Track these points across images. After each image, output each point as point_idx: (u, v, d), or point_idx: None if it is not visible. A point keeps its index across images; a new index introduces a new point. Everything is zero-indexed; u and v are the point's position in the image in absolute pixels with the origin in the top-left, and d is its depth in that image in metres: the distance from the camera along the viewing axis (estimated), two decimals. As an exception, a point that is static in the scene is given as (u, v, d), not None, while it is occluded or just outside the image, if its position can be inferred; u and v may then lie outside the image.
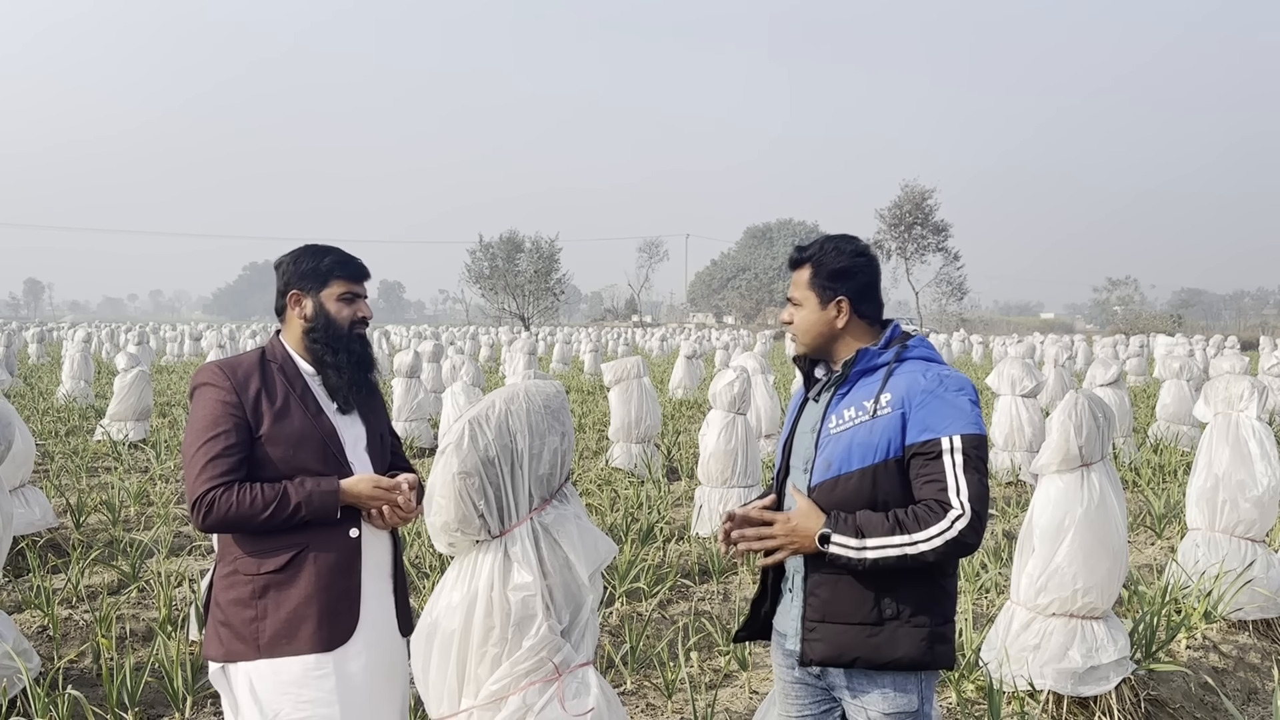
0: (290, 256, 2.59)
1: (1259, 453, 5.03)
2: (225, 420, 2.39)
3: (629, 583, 5.39)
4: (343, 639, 2.43)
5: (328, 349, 2.52)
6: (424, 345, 14.75)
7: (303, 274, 2.54)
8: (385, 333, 31.37)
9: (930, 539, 2.18)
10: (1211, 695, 4.39)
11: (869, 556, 2.20)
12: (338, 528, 2.45)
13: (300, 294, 2.55)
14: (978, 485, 2.21)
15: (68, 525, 6.91)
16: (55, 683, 4.02)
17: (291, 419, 2.45)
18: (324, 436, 2.48)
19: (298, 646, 2.39)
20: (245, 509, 2.34)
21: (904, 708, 2.31)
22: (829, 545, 2.23)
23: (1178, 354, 13.59)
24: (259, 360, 2.52)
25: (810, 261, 2.42)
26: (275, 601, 2.40)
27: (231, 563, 2.45)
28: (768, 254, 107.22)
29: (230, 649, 2.41)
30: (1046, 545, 3.90)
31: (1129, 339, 33.59)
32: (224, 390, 2.42)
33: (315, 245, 2.62)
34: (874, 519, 2.23)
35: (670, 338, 41.56)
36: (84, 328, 36.75)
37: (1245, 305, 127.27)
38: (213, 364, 2.49)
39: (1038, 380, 9.30)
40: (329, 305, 2.54)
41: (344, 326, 2.55)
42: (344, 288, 2.56)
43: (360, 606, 2.47)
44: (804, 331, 2.44)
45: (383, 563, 2.57)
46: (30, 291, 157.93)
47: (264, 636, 2.39)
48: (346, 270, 2.57)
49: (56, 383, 17.06)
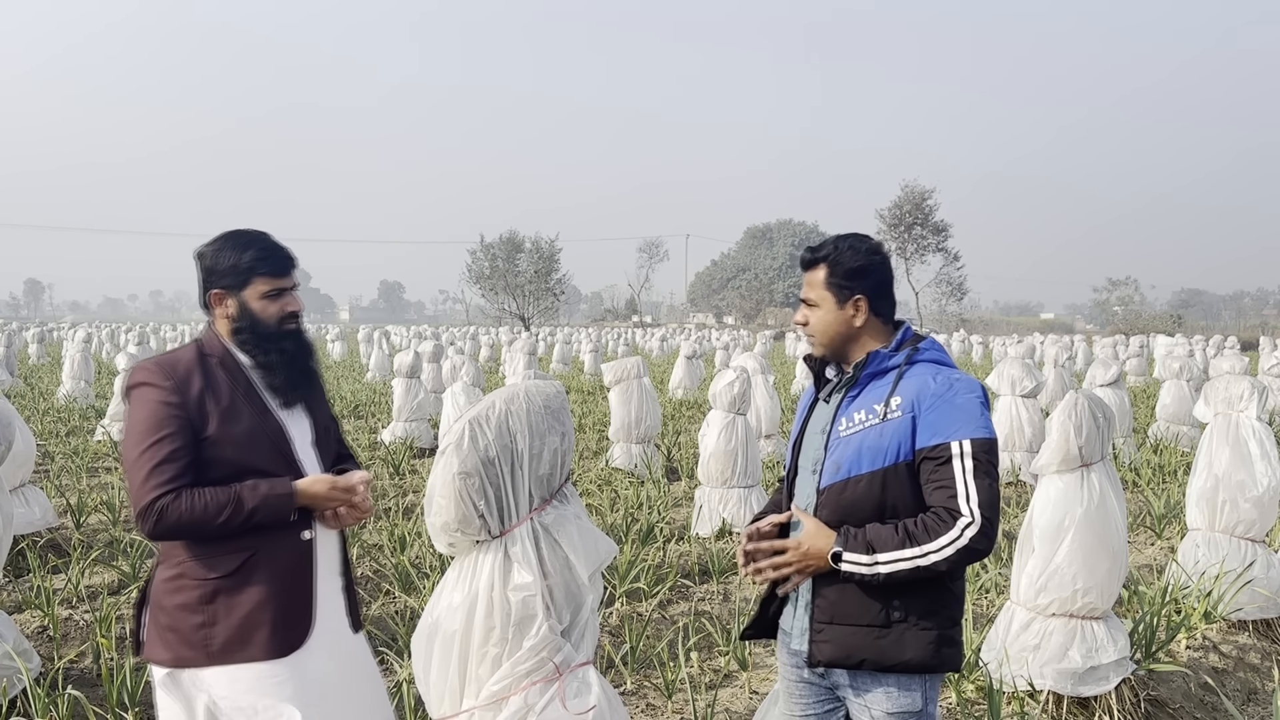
0: (211, 249, 2.41)
1: (1259, 453, 5.03)
2: (169, 422, 2.26)
3: (629, 583, 5.39)
4: (298, 643, 2.35)
5: (258, 349, 2.40)
6: (424, 345, 14.75)
7: (222, 272, 2.39)
8: (385, 333, 31.38)
9: (941, 549, 2.19)
10: (1211, 695, 4.39)
11: (881, 571, 2.21)
12: (289, 531, 2.37)
13: (223, 293, 2.40)
14: (988, 491, 2.21)
15: (68, 525, 6.91)
16: (55, 683, 4.02)
17: (240, 418, 2.34)
18: (272, 435, 2.38)
19: (251, 653, 2.30)
20: (198, 515, 2.23)
21: (908, 708, 2.31)
22: (841, 564, 2.24)
23: (1178, 354, 13.58)
24: (197, 356, 2.38)
25: (826, 261, 2.39)
26: (226, 607, 2.30)
27: (177, 566, 2.33)
28: (768, 254, 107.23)
29: (179, 655, 2.31)
30: (1046, 545, 3.90)
31: (1129, 339, 33.57)
32: (164, 390, 2.29)
33: (238, 235, 2.43)
34: (884, 532, 2.23)
35: (670, 338, 41.55)
36: (84, 328, 36.75)
37: (1245, 305, 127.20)
38: (149, 362, 2.35)
39: (1038, 380, 9.29)
40: (253, 304, 2.40)
41: (272, 325, 2.42)
42: (268, 285, 2.41)
43: (315, 609, 2.40)
44: (821, 332, 2.42)
45: (333, 562, 2.50)
46: (30, 292, 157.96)
47: (215, 643, 2.29)
48: (269, 266, 2.40)
49: (57, 383, 17.06)
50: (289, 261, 2.46)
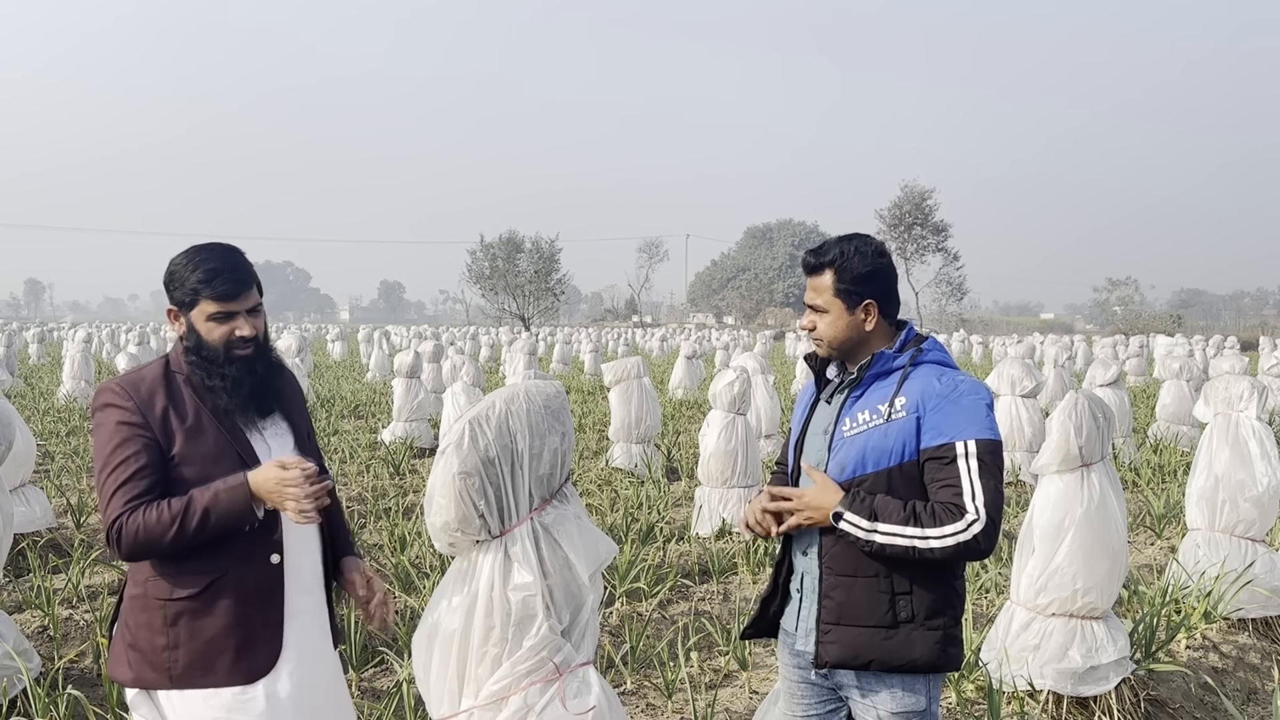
0: (172, 264, 2.33)
1: (1259, 453, 5.03)
2: (132, 442, 2.21)
3: (629, 583, 5.39)
4: (264, 670, 2.28)
5: (204, 372, 2.31)
6: (424, 345, 14.75)
7: (173, 289, 2.31)
8: (385, 333, 31.40)
9: (943, 538, 2.19)
10: (1211, 695, 4.39)
11: (877, 540, 2.22)
12: (258, 554, 2.29)
13: (175, 310, 2.33)
14: (993, 491, 2.21)
15: (68, 525, 6.91)
16: (55, 683, 4.02)
17: (205, 436, 2.27)
18: (240, 451, 2.30)
19: (214, 679, 2.23)
20: (153, 525, 2.15)
21: (912, 708, 2.32)
22: (841, 522, 2.25)
23: (1177, 354, 13.59)
24: (163, 373, 2.31)
25: (833, 266, 2.38)
26: (189, 630, 2.23)
27: (141, 584, 2.27)
28: (768, 254, 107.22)
29: (140, 675, 2.25)
30: (1046, 545, 3.90)
31: (1129, 339, 33.57)
32: (127, 410, 2.23)
33: (196, 251, 2.33)
34: (891, 505, 2.24)
35: (670, 338, 41.55)
36: (84, 328, 36.77)
37: (1245, 305, 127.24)
38: (114, 383, 2.28)
39: (1038, 380, 9.30)
40: (199, 326, 2.30)
41: (218, 350, 2.31)
42: (214, 307, 2.29)
43: (284, 634, 2.32)
44: (832, 338, 2.41)
45: (307, 578, 2.41)
46: (31, 291, 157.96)
47: (177, 667, 2.22)
48: (213, 290, 2.28)
49: (57, 383, 17.06)
50: (239, 285, 2.31)
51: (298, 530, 2.36)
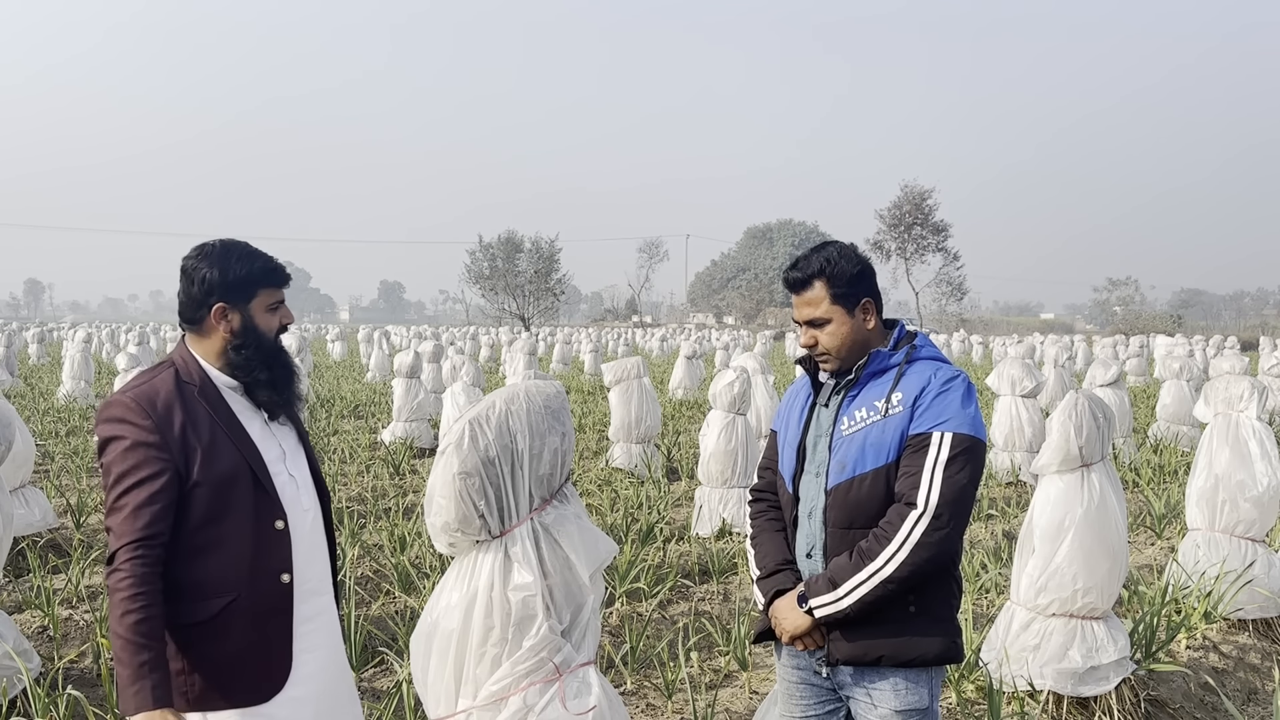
0: (209, 262, 2.25)
1: (1259, 453, 5.03)
2: (150, 464, 2.10)
3: (629, 583, 5.39)
4: (281, 684, 2.26)
5: (261, 366, 2.26)
6: (424, 345, 14.75)
7: (230, 285, 2.24)
8: (385, 333, 31.38)
9: (893, 554, 2.22)
10: (1211, 695, 4.39)
11: (853, 599, 2.26)
12: (269, 575, 2.24)
13: (227, 307, 2.25)
14: (952, 485, 2.22)
15: (68, 525, 6.91)
16: (55, 683, 4.02)
17: (222, 457, 2.18)
18: (255, 469, 2.23)
19: (232, 701, 2.22)
20: (119, 603, 2.03)
21: (915, 704, 2.33)
22: (814, 613, 2.31)
23: (1178, 354, 13.59)
24: (175, 384, 2.20)
25: (822, 275, 2.37)
26: (203, 655, 2.19)
27: None
28: (768, 254, 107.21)
29: None
30: (1046, 545, 3.90)
31: (1129, 339, 33.57)
32: (144, 430, 2.11)
33: (235, 248, 2.29)
34: (840, 563, 2.30)
35: (670, 338, 41.54)
36: (84, 328, 36.76)
37: (1245, 305, 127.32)
38: (126, 398, 2.15)
39: (1038, 380, 9.30)
40: (259, 318, 2.28)
41: (272, 339, 2.31)
42: (272, 297, 2.30)
43: (294, 648, 2.29)
44: (838, 347, 2.39)
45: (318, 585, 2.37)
46: (30, 291, 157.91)
47: (194, 691, 2.19)
48: (275, 278, 2.30)
49: (57, 383, 17.06)
50: (287, 272, 2.37)
51: (306, 543, 2.34)
